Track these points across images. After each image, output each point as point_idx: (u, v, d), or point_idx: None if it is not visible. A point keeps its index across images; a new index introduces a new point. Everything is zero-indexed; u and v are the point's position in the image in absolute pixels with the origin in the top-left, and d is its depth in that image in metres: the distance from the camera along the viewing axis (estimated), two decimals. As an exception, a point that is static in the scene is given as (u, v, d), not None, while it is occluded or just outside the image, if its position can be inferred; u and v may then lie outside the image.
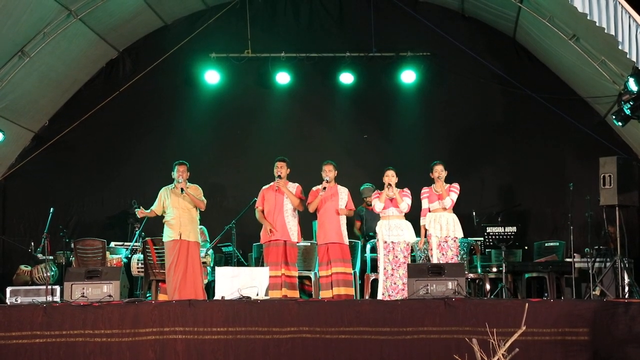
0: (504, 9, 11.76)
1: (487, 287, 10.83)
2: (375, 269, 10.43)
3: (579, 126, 11.88)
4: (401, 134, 12.68)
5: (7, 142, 11.92)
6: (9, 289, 10.71)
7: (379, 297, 9.80)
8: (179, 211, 10.20)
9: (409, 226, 9.97)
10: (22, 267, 11.40)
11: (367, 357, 8.21)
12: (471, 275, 10.64)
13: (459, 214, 10.22)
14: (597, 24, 8.71)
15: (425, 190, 10.11)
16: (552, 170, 12.39)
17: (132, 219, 12.01)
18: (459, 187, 10.07)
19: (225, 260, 11.55)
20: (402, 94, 12.74)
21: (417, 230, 10.13)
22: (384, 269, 9.84)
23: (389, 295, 9.69)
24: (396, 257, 9.81)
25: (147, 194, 12.32)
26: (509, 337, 6.74)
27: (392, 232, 9.85)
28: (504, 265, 10.37)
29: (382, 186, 10.12)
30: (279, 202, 10.25)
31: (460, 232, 9.98)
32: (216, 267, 9.64)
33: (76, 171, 12.85)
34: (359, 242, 11.15)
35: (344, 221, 10.22)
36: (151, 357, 8.37)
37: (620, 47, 8.74)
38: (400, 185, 10.09)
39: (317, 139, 12.79)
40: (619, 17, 8.68)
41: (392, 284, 9.75)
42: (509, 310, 8.06)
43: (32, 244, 11.41)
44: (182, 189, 10.13)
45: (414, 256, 10.35)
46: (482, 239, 10.85)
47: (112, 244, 11.69)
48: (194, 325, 8.41)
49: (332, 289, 10.03)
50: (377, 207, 10.04)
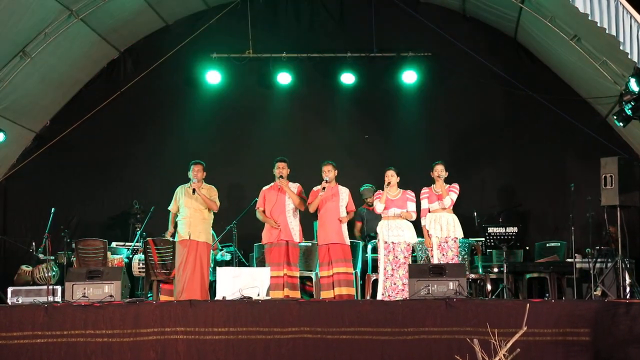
0: (505, 10, 11.75)
1: (489, 287, 10.84)
2: (376, 269, 10.43)
3: (580, 127, 11.85)
4: (402, 134, 12.67)
5: (8, 142, 11.90)
6: (10, 289, 10.73)
7: (379, 297, 9.80)
8: (190, 211, 10.21)
9: (409, 227, 9.97)
10: (24, 267, 11.41)
11: (368, 358, 8.21)
12: (472, 275, 10.64)
13: (460, 214, 10.23)
14: (598, 25, 8.70)
15: (425, 190, 10.12)
16: (553, 170, 12.39)
17: (133, 219, 12.02)
18: (458, 187, 10.08)
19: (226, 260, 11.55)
20: (403, 95, 12.73)
21: (418, 230, 10.13)
22: (384, 269, 9.84)
23: (389, 295, 9.69)
24: (396, 257, 9.81)
25: (148, 194, 12.37)
26: (510, 337, 6.76)
27: (393, 232, 9.85)
28: (505, 265, 10.37)
29: (382, 187, 10.13)
30: (281, 202, 10.26)
31: (460, 233, 9.98)
32: (217, 268, 9.64)
33: (77, 171, 12.84)
34: (359, 242, 11.16)
35: (344, 221, 10.23)
36: (152, 357, 8.37)
37: (621, 48, 8.73)
38: (402, 185, 10.11)
39: (318, 139, 12.78)
40: (620, 17, 8.67)
41: (392, 284, 9.75)
42: (510, 310, 8.06)
43: (33, 244, 11.41)
44: (194, 190, 10.13)
45: (415, 257, 10.35)
46: (483, 239, 10.85)
47: (113, 244, 11.68)
48: (195, 325, 8.41)
49: (333, 289, 10.04)
50: (378, 208, 10.04)
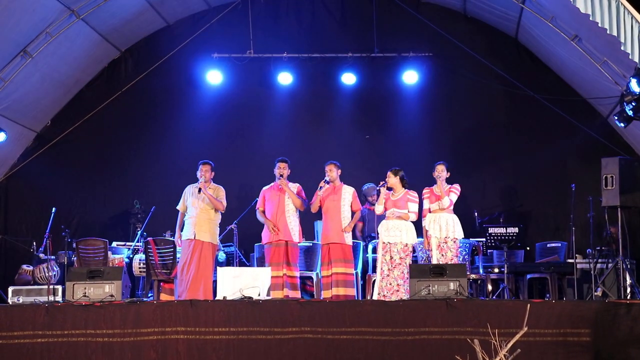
0: (506, 10, 11.75)
1: (489, 287, 10.84)
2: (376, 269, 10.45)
3: (580, 127, 11.86)
4: (403, 134, 12.67)
5: (9, 141, 11.91)
6: (10, 289, 10.75)
7: (375, 297, 9.80)
8: (196, 210, 10.21)
9: (409, 227, 9.91)
10: (24, 266, 11.42)
11: (369, 358, 8.20)
12: (473, 275, 10.64)
13: (461, 214, 10.22)
14: (599, 25, 8.71)
15: (425, 190, 10.11)
16: (554, 171, 12.38)
17: (133, 218, 12.02)
18: (459, 188, 10.05)
19: (227, 260, 11.55)
20: (404, 95, 12.73)
21: (420, 231, 10.13)
22: (381, 269, 9.84)
23: (384, 295, 9.68)
24: (392, 257, 9.80)
25: (149, 194, 12.38)
26: (511, 337, 6.76)
27: (391, 233, 9.84)
28: (505, 265, 10.37)
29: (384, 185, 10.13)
30: (281, 202, 10.26)
31: (460, 233, 9.95)
32: (218, 267, 9.65)
33: (78, 171, 12.85)
34: (360, 242, 11.16)
35: (346, 221, 10.22)
36: (153, 357, 8.36)
37: (622, 48, 8.74)
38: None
39: (319, 139, 12.78)
40: (621, 18, 8.68)
41: (387, 284, 9.74)
42: (510, 311, 8.06)
43: (34, 243, 11.43)
44: (200, 189, 10.14)
45: (415, 257, 10.35)
46: (484, 239, 10.86)
47: (114, 244, 11.68)
48: (195, 325, 8.40)
49: (331, 289, 10.04)
50: (377, 210, 10.07)
